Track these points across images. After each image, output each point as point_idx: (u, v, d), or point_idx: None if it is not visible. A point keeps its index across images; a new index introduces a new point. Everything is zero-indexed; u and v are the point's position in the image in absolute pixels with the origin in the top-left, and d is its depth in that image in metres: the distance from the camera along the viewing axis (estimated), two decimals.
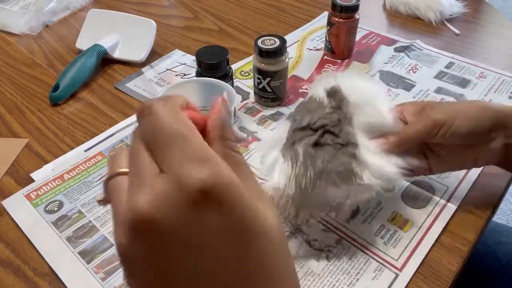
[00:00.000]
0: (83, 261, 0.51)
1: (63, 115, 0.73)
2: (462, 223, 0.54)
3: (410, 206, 0.56)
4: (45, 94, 0.78)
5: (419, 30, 0.94)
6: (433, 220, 0.54)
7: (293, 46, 0.89)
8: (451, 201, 0.56)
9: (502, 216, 1.62)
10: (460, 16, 0.97)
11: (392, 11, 1.00)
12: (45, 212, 0.56)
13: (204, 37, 0.94)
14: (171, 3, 1.10)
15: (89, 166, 0.63)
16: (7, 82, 0.82)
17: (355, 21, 0.80)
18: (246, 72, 0.82)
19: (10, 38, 0.96)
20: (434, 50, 0.86)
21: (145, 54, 0.84)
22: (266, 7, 1.04)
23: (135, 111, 0.28)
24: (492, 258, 0.69)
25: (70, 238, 0.53)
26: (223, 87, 0.56)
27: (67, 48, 0.91)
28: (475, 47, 0.88)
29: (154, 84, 0.80)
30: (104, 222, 0.55)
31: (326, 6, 1.02)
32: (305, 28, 0.95)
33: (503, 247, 0.70)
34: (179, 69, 0.83)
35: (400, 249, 0.51)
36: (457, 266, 0.49)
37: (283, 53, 0.67)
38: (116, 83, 0.80)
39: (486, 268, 0.69)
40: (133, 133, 0.27)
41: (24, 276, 0.50)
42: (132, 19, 0.88)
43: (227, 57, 0.64)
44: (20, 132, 0.70)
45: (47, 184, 0.60)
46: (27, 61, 0.88)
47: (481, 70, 0.80)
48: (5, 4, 1.04)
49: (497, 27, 0.95)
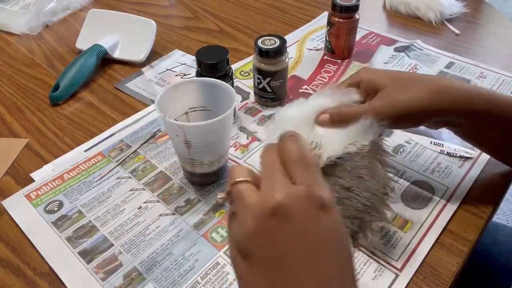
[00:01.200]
0: (83, 261, 0.51)
1: (63, 115, 0.73)
2: (462, 223, 0.54)
3: (410, 206, 0.56)
4: (45, 94, 0.78)
5: (419, 30, 0.94)
6: (433, 221, 0.54)
7: (293, 46, 0.89)
8: (451, 201, 0.56)
9: (502, 216, 1.62)
10: (460, 16, 0.97)
11: (392, 11, 1.00)
12: (45, 212, 0.56)
13: (204, 37, 0.94)
14: (171, 3, 1.10)
15: (89, 166, 0.63)
16: (7, 82, 0.82)
17: (355, 21, 0.80)
18: (246, 72, 0.82)
19: (10, 38, 0.96)
20: (434, 50, 0.86)
21: (145, 54, 0.84)
22: (266, 7, 1.04)
23: (281, 136, 0.36)
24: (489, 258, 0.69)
25: (70, 238, 0.53)
26: (223, 87, 0.56)
27: (67, 48, 0.91)
28: (475, 47, 0.88)
29: (154, 84, 0.80)
30: (104, 222, 0.55)
31: (326, 6, 1.02)
32: (305, 28, 0.95)
33: (499, 247, 0.70)
34: (179, 69, 0.83)
35: (400, 250, 0.51)
36: (457, 266, 0.49)
37: (283, 53, 0.67)
38: (116, 83, 0.80)
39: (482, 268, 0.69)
40: (266, 148, 0.36)
41: (24, 276, 0.50)
42: (132, 19, 0.88)
43: (227, 57, 0.64)
44: (20, 132, 0.70)
45: (47, 184, 0.60)
46: (27, 61, 0.88)
47: (481, 70, 0.80)
48: (5, 4, 1.04)
49: (497, 27, 0.95)
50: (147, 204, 0.57)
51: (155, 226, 0.54)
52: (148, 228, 0.54)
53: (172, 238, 0.53)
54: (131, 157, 0.64)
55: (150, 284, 0.48)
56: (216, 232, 0.53)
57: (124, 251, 0.52)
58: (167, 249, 0.52)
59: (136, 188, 0.59)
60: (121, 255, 0.51)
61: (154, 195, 0.58)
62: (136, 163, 0.63)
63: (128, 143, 0.66)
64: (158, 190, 0.59)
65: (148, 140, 0.66)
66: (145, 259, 0.51)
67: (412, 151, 0.63)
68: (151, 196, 0.58)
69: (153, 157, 0.64)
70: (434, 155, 0.63)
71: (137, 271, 0.49)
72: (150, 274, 0.49)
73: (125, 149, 0.65)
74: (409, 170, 0.60)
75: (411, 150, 0.64)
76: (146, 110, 0.73)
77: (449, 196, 0.57)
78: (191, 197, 0.58)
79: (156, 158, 0.63)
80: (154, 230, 0.54)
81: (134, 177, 0.61)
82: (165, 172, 0.61)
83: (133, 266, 0.50)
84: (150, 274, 0.49)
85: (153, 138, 0.67)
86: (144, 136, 0.67)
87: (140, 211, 0.56)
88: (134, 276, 0.49)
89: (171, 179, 0.60)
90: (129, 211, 0.56)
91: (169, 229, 0.54)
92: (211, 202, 0.57)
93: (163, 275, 0.49)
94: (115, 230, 0.54)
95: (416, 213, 0.55)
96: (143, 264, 0.50)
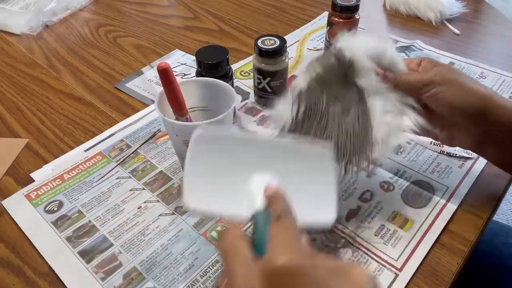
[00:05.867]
0: (83, 261, 0.51)
1: (63, 115, 0.73)
2: (462, 223, 0.54)
3: (410, 205, 0.56)
4: (45, 94, 0.78)
5: (419, 30, 0.93)
6: (433, 220, 0.54)
7: (293, 46, 0.89)
8: (451, 201, 0.56)
9: (502, 216, 1.62)
10: (460, 16, 0.97)
11: (392, 11, 1.00)
12: (45, 212, 0.56)
13: (204, 37, 0.94)
14: (171, 3, 1.10)
15: (89, 166, 0.63)
16: (7, 82, 0.82)
17: (355, 21, 0.80)
18: (246, 72, 0.82)
19: (10, 38, 0.96)
20: (435, 50, 0.86)
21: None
22: (266, 7, 1.04)
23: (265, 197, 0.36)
24: (497, 259, 0.69)
25: (70, 238, 0.53)
26: (223, 87, 0.56)
27: (67, 48, 0.91)
28: (475, 47, 0.88)
29: (154, 84, 0.80)
30: (103, 222, 0.55)
31: (326, 6, 1.02)
32: (305, 28, 0.95)
33: (509, 249, 0.69)
34: (179, 69, 0.83)
35: (400, 249, 0.51)
36: (457, 266, 0.49)
37: (283, 53, 0.67)
38: (116, 83, 0.80)
39: (490, 269, 0.69)
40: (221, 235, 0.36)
41: (24, 276, 0.50)
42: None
43: (227, 57, 0.64)
44: (20, 132, 0.70)
45: (47, 184, 0.60)
46: (27, 61, 0.88)
47: (482, 70, 0.80)
48: (5, 4, 1.04)
49: (497, 27, 0.95)
50: (147, 204, 0.57)
51: (155, 226, 0.54)
52: (148, 228, 0.54)
53: (172, 238, 0.53)
54: (131, 157, 0.64)
55: (149, 282, 0.48)
56: (216, 231, 0.53)
57: (124, 251, 0.52)
58: (167, 249, 0.52)
59: (136, 188, 0.59)
60: (121, 255, 0.51)
61: (154, 195, 0.58)
62: (136, 163, 0.63)
63: (128, 143, 0.66)
64: (158, 190, 0.59)
65: (148, 140, 0.67)
66: (144, 259, 0.51)
67: (412, 151, 0.63)
68: (151, 196, 0.58)
69: (153, 157, 0.64)
70: (434, 155, 0.63)
71: (136, 271, 0.49)
72: (150, 274, 0.49)
73: (125, 149, 0.65)
74: (409, 170, 0.60)
75: (411, 150, 0.63)
76: (146, 110, 0.73)
77: (449, 196, 0.57)
78: None
79: (156, 158, 0.63)
80: (154, 230, 0.54)
81: (134, 177, 0.61)
82: (165, 172, 0.61)
83: (132, 266, 0.50)
84: (149, 274, 0.49)
85: (153, 138, 0.67)
86: (144, 136, 0.67)
87: (140, 211, 0.56)
88: (134, 276, 0.49)
89: (171, 179, 0.60)
90: (129, 211, 0.56)
91: (169, 229, 0.54)
92: None
93: (162, 274, 0.49)
94: (115, 230, 0.54)
95: (416, 212, 0.55)
96: (143, 264, 0.50)
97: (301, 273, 0.30)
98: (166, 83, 0.52)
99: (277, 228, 0.34)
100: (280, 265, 0.31)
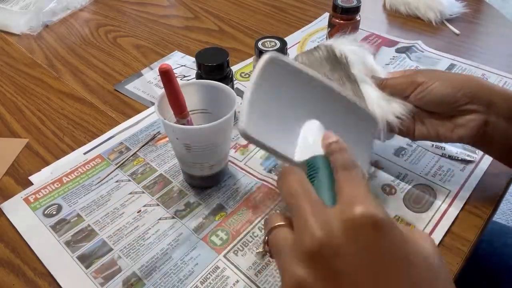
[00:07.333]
0: (82, 266, 0.50)
1: (63, 115, 0.73)
2: (462, 223, 0.54)
3: (412, 210, 0.55)
4: (45, 94, 0.77)
5: (419, 30, 0.93)
6: (435, 224, 0.53)
7: (294, 48, 0.88)
8: (453, 205, 0.56)
9: (502, 216, 1.61)
10: (460, 16, 0.97)
11: (392, 11, 1.00)
12: (43, 215, 0.56)
13: (204, 37, 0.93)
14: (171, 3, 1.09)
15: (88, 169, 0.62)
16: (7, 82, 0.81)
17: (356, 23, 0.79)
18: (247, 73, 0.81)
19: (10, 38, 0.95)
20: (435, 52, 0.86)
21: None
22: (266, 7, 1.04)
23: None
24: (498, 260, 0.69)
25: (69, 242, 0.53)
26: (224, 89, 0.55)
27: (67, 48, 0.91)
28: (475, 47, 0.88)
29: (153, 86, 0.79)
30: (103, 226, 0.54)
31: (327, 6, 1.01)
32: (306, 30, 0.94)
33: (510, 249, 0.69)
34: (179, 71, 0.83)
35: None
36: (457, 266, 0.49)
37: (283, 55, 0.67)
38: (116, 85, 0.79)
39: (490, 269, 0.68)
40: (283, 173, 0.34)
41: (24, 276, 0.50)
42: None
43: (227, 59, 0.64)
44: (20, 132, 0.70)
45: (45, 187, 0.60)
46: (27, 61, 0.87)
47: (483, 71, 0.80)
48: (5, 4, 1.03)
49: (497, 27, 0.95)
50: (147, 207, 0.57)
51: (155, 230, 0.54)
52: (148, 232, 0.54)
53: (172, 242, 0.52)
54: (130, 159, 0.63)
55: None
56: (216, 235, 0.53)
57: (123, 255, 0.51)
58: (167, 254, 0.51)
59: (136, 192, 0.59)
60: (120, 259, 0.51)
61: (154, 199, 0.58)
62: (135, 166, 0.62)
63: (128, 146, 0.66)
64: (157, 193, 0.58)
65: (148, 143, 0.66)
66: (144, 263, 0.50)
67: (414, 154, 0.63)
68: (151, 200, 0.58)
69: (153, 160, 0.63)
70: (435, 158, 0.62)
71: (136, 277, 0.49)
72: (150, 280, 0.49)
73: (125, 152, 0.65)
74: (410, 173, 0.60)
75: (412, 153, 0.63)
76: (145, 112, 0.73)
77: (451, 200, 0.56)
78: (191, 201, 0.57)
79: (156, 161, 0.63)
80: (154, 234, 0.53)
81: (133, 180, 0.60)
82: (164, 175, 0.61)
83: (132, 271, 0.49)
84: (149, 280, 0.49)
85: (152, 140, 0.67)
86: (143, 139, 0.67)
87: (140, 214, 0.56)
88: (134, 281, 0.48)
89: (171, 182, 0.60)
90: (128, 214, 0.56)
91: (169, 233, 0.54)
92: (211, 206, 0.56)
93: (162, 281, 0.49)
94: (114, 234, 0.54)
95: (418, 216, 0.54)
96: (142, 269, 0.50)
97: (386, 226, 0.29)
98: (168, 85, 0.51)
99: (346, 177, 0.33)
100: (362, 214, 0.29)
